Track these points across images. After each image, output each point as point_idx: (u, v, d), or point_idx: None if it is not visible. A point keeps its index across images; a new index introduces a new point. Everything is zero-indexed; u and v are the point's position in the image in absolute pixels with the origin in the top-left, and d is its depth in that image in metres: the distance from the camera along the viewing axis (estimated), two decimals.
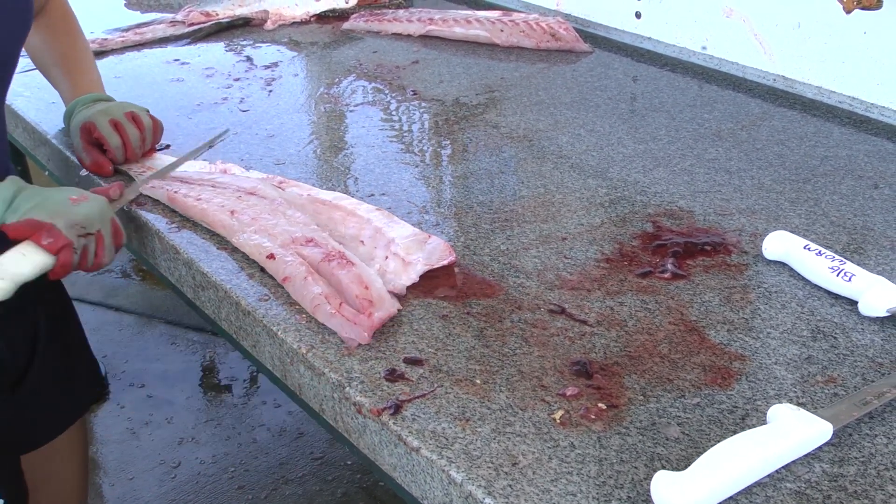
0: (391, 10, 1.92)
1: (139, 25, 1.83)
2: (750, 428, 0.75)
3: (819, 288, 0.98)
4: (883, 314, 0.91)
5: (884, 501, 0.71)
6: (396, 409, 0.80)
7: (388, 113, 1.47)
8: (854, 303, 0.94)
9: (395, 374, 0.85)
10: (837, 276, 0.95)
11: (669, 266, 1.02)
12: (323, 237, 1.01)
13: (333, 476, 2.14)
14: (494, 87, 1.57)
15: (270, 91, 1.55)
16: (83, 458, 1.42)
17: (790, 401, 0.81)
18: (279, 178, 1.17)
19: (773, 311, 0.94)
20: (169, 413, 2.35)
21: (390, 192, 1.20)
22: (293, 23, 1.90)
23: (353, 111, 1.48)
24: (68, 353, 1.33)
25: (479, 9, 1.93)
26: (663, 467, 0.74)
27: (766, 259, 1.03)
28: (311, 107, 1.49)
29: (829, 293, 0.97)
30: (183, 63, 1.67)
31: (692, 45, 1.67)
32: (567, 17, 1.88)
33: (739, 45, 1.59)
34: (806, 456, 0.75)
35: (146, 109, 1.28)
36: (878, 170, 1.26)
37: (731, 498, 0.70)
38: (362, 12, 1.93)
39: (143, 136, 1.24)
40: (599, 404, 0.81)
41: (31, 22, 1.14)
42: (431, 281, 0.99)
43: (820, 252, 0.98)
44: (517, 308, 0.95)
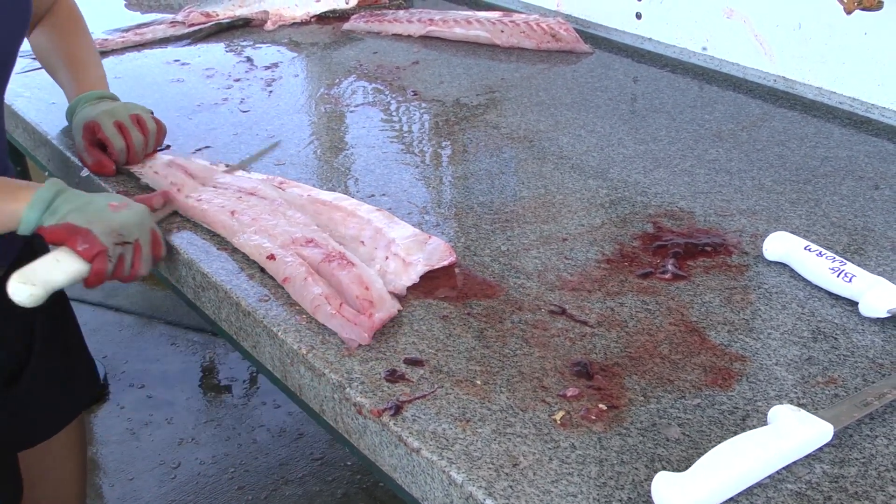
0: (391, 11, 1.92)
1: (139, 26, 1.83)
2: (750, 429, 0.75)
3: (819, 289, 0.98)
4: (883, 315, 0.91)
5: (884, 502, 0.71)
6: (397, 409, 0.80)
7: (389, 113, 1.47)
8: (855, 304, 0.94)
9: (396, 374, 0.85)
10: (838, 276, 0.95)
11: (670, 267, 1.02)
12: (323, 238, 1.01)
13: (333, 477, 2.14)
14: (495, 87, 1.57)
15: (271, 92, 1.55)
16: (81, 459, 1.42)
17: (791, 402, 0.81)
18: (279, 179, 1.17)
19: (774, 311, 0.94)
20: (169, 413, 2.35)
21: (391, 193, 1.20)
22: (293, 23, 1.90)
23: (353, 112, 1.48)
24: (66, 353, 1.33)
25: (479, 9, 1.93)
26: (664, 468, 0.74)
27: (766, 260, 1.03)
28: (311, 107, 1.49)
29: (830, 294, 0.97)
30: (183, 64, 1.67)
31: (693, 45, 1.67)
32: (567, 17, 1.88)
33: (740, 46, 1.59)
34: (807, 457, 0.75)
35: (150, 111, 1.27)
36: (879, 170, 1.26)
37: (731, 499, 0.70)
38: (363, 13, 1.93)
39: (147, 140, 1.23)
40: (600, 405, 0.81)
41: (29, 21, 1.14)
42: (432, 281, 0.99)
43: (820, 253, 0.98)
44: (518, 309, 0.95)
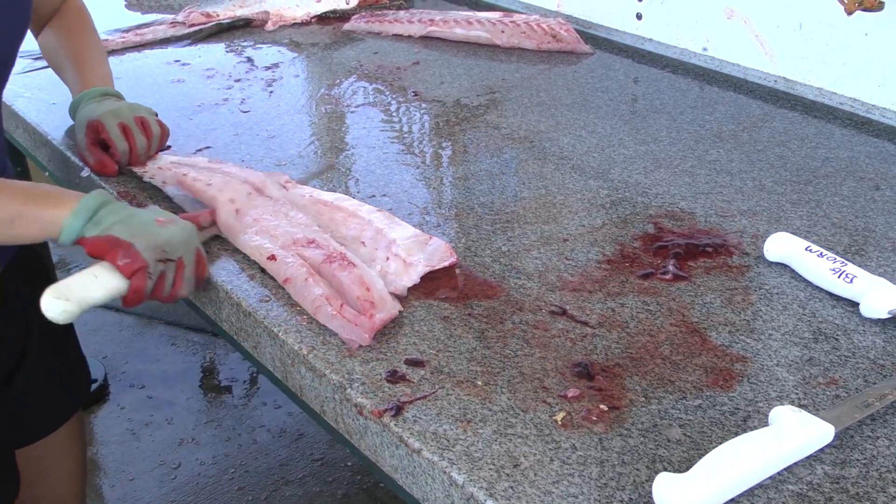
0: (392, 12, 1.92)
1: (140, 26, 1.83)
2: (752, 430, 0.75)
3: (820, 289, 0.98)
4: (884, 316, 0.91)
5: (885, 503, 0.71)
6: (398, 410, 0.80)
7: (389, 114, 1.47)
8: (855, 304, 0.94)
9: (397, 375, 0.85)
10: (839, 277, 0.95)
11: (671, 267, 1.02)
12: (324, 238, 1.01)
13: (334, 477, 2.14)
14: (495, 88, 1.57)
15: (271, 92, 1.54)
16: (81, 458, 1.42)
17: (792, 402, 0.81)
18: (285, 178, 1.17)
19: (775, 312, 0.94)
20: (169, 414, 2.35)
21: (391, 194, 1.19)
22: (294, 24, 1.90)
23: (353, 112, 1.48)
24: (62, 352, 1.33)
25: (479, 10, 1.93)
26: (665, 469, 0.74)
27: (767, 261, 1.03)
28: (311, 108, 1.49)
29: (831, 295, 0.97)
30: (184, 64, 1.67)
31: (693, 46, 1.67)
32: (568, 18, 1.88)
33: (740, 47, 1.59)
34: (808, 458, 0.74)
35: (155, 113, 1.27)
36: (880, 171, 1.26)
37: (732, 500, 0.70)
38: (363, 13, 1.93)
39: (150, 143, 1.22)
40: (601, 406, 0.81)
41: (29, 21, 1.14)
42: (432, 282, 0.99)
43: (821, 254, 0.98)
44: (518, 309, 0.95)
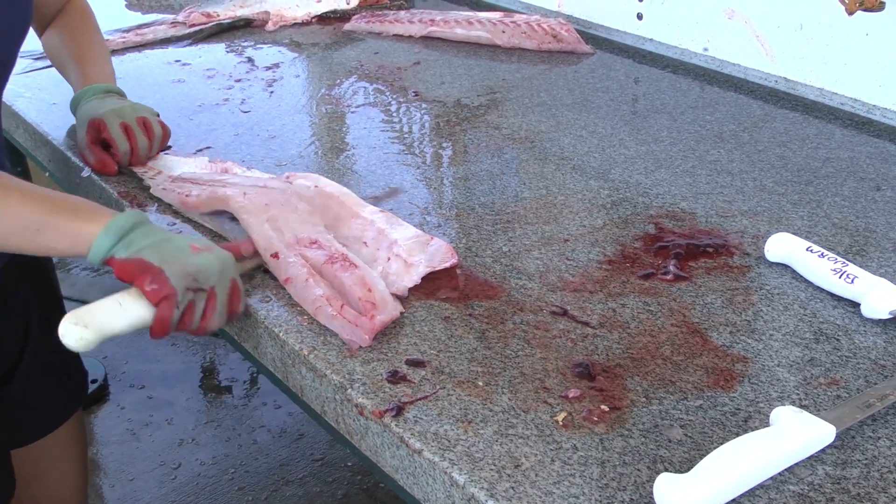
0: (392, 12, 1.92)
1: (140, 26, 1.83)
2: (753, 430, 0.75)
3: (821, 290, 0.98)
4: (885, 316, 0.91)
5: None
6: (398, 410, 0.80)
7: (390, 114, 1.47)
8: (856, 305, 0.94)
9: (397, 375, 0.85)
10: (840, 278, 0.95)
11: (671, 268, 1.02)
12: (327, 239, 1.01)
13: (334, 477, 2.14)
14: (496, 88, 1.57)
15: (272, 92, 1.54)
16: (82, 459, 1.42)
17: (793, 403, 0.81)
18: (287, 174, 1.16)
19: (776, 313, 0.94)
20: (169, 414, 2.35)
21: (392, 194, 1.19)
22: (294, 24, 1.90)
23: (354, 112, 1.48)
24: (59, 352, 1.32)
25: (480, 10, 1.93)
26: (666, 469, 0.73)
27: (768, 261, 1.03)
28: (312, 108, 1.49)
29: (832, 295, 0.97)
30: (184, 64, 1.67)
31: (694, 46, 1.67)
32: (568, 18, 1.88)
33: (741, 47, 1.59)
34: (809, 458, 0.74)
35: (157, 114, 1.27)
36: (881, 172, 1.26)
37: (734, 500, 0.70)
38: (364, 13, 1.93)
39: (152, 144, 1.22)
40: (602, 406, 0.80)
41: (30, 21, 1.14)
42: (433, 282, 0.99)
43: (822, 254, 0.98)
44: (519, 310, 0.95)
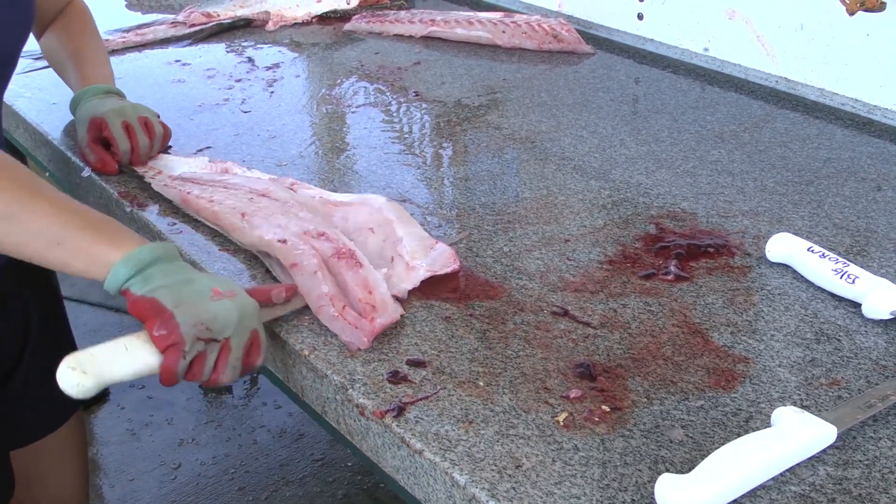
0: (393, 12, 1.92)
1: (140, 26, 1.82)
2: (754, 431, 0.75)
3: (822, 290, 0.98)
4: (887, 316, 0.91)
5: None
6: (399, 411, 0.80)
7: (390, 114, 1.47)
8: (858, 305, 0.94)
9: (398, 376, 0.84)
10: (841, 278, 0.95)
11: (672, 268, 1.02)
12: (334, 233, 1.00)
13: (334, 477, 2.14)
14: (496, 88, 1.57)
15: (272, 92, 1.54)
16: (82, 459, 1.42)
17: (794, 403, 0.81)
18: (290, 180, 1.16)
19: (777, 313, 0.94)
20: (169, 414, 2.35)
21: (392, 194, 1.19)
22: (294, 24, 1.90)
23: (354, 112, 1.48)
24: (59, 353, 1.32)
25: (480, 10, 1.93)
26: (667, 470, 0.73)
27: (769, 261, 1.03)
28: (312, 108, 1.49)
29: (833, 295, 0.97)
30: (184, 64, 1.67)
31: (694, 46, 1.67)
32: (569, 18, 1.88)
33: (742, 47, 1.59)
34: (810, 459, 0.74)
35: (157, 114, 1.27)
36: (882, 172, 1.26)
37: (735, 501, 0.70)
38: (364, 13, 1.93)
39: (152, 143, 1.23)
40: (603, 407, 0.80)
41: (31, 22, 1.14)
42: (434, 283, 0.98)
43: (823, 254, 0.98)
44: (520, 310, 0.95)
